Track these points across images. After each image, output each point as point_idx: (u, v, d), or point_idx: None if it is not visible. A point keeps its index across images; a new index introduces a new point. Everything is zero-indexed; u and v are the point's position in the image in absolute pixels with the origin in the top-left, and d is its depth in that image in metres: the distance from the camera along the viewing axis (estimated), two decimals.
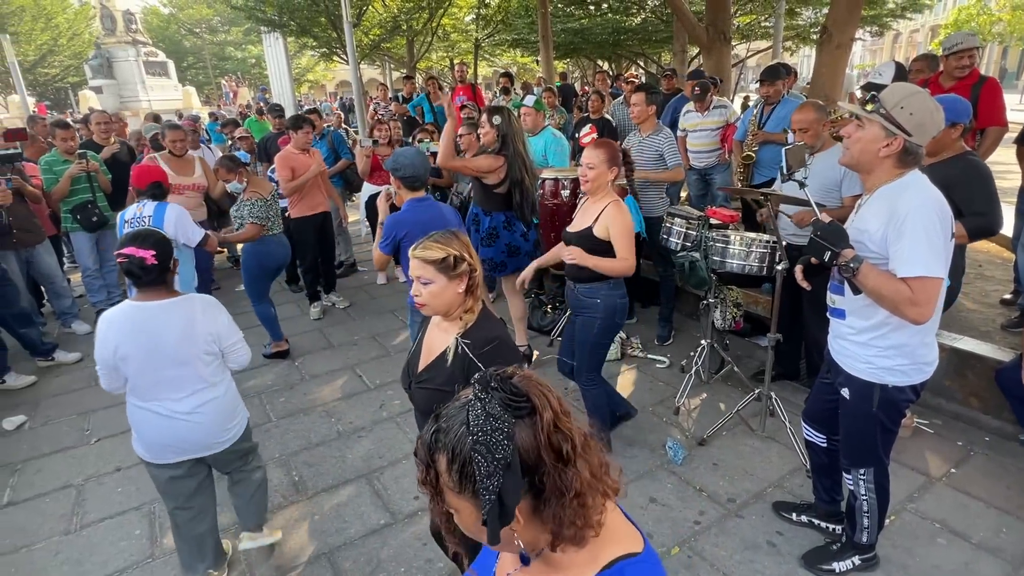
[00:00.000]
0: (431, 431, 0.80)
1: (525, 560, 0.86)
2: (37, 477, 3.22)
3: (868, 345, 2.00)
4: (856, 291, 1.93)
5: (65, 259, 6.20)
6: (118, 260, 2.07)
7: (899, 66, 3.91)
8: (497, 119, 3.69)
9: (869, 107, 1.83)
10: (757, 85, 4.73)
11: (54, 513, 2.93)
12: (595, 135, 4.95)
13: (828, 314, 2.15)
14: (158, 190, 3.38)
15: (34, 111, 13.29)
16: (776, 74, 4.37)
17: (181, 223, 3.48)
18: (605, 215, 2.75)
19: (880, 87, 3.70)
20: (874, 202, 1.91)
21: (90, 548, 2.69)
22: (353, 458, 3.24)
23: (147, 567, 2.57)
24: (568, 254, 2.81)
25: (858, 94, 4.10)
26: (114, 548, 2.69)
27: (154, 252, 2.06)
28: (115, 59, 24.31)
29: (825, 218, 2.02)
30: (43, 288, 5.08)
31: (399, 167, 3.02)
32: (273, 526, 2.73)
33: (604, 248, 2.78)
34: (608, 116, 6.69)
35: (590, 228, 2.79)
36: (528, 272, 3.16)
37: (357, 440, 3.41)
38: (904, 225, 1.78)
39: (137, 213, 3.38)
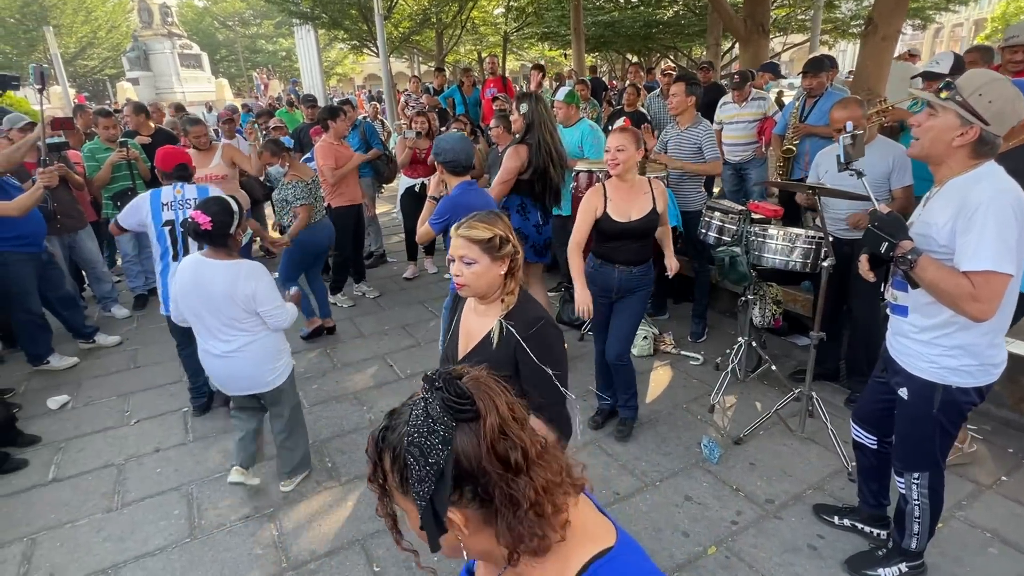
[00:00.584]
0: (381, 428, 0.76)
1: (469, 573, 0.83)
2: (80, 455, 3.31)
3: (932, 344, 1.91)
4: (914, 285, 1.85)
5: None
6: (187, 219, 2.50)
7: (957, 56, 3.75)
8: (524, 107, 3.66)
9: (944, 95, 1.74)
10: (789, 82, 4.61)
11: (96, 491, 3.00)
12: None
13: (889, 311, 2.06)
14: (184, 172, 3.44)
15: (74, 102, 13.64)
16: (820, 66, 4.24)
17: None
18: (660, 193, 2.94)
19: (938, 76, 3.59)
20: (944, 194, 1.82)
21: (131, 526, 2.75)
22: None
23: (186, 547, 2.62)
24: (673, 264, 3.11)
25: (918, 84, 3.92)
26: (154, 527, 2.74)
27: (210, 219, 2.42)
28: (151, 51, 24.90)
29: (883, 208, 1.94)
30: (84, 272, 5.22)
31: (440, 151, 3.07)
32: (306, 512, 2.77)
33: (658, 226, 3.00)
34: (643, 109, 6.60)
35: (654, 209, 2.92)
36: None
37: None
38: (974, 217, 1.69)
39: (176, 196, 3.39)
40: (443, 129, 6.21)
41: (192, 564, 2.51)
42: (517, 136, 3.79)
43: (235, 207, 2.55)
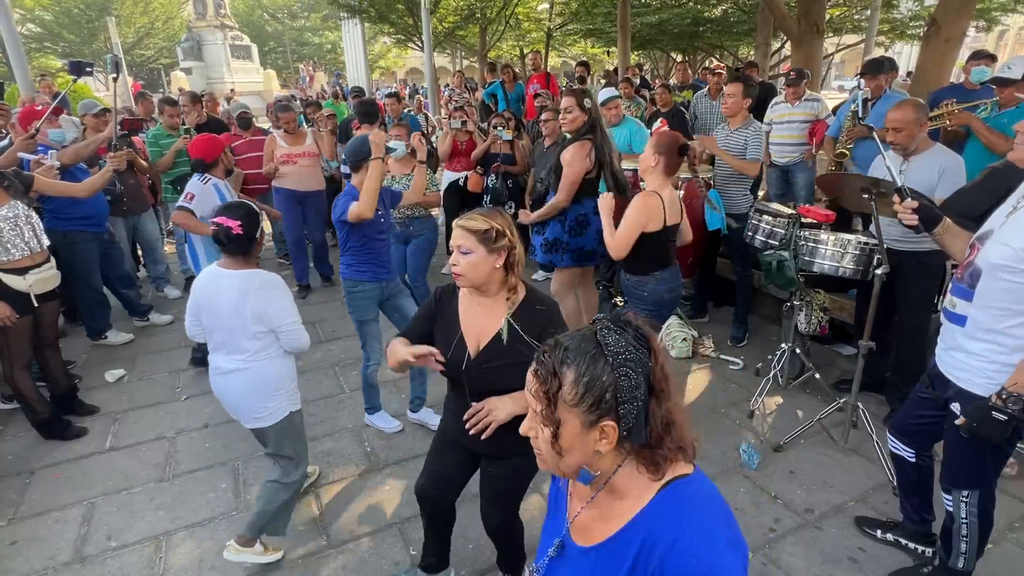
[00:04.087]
0: (558, 349, 0.92)
1: (585, 479, 0.95)
2: (135, 427, 3.48)
3: (990, 359, 1.84)
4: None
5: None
6: (211, 228, 2.25)
7: None
8: (588, 102, 3.54)
9: None
10: (839, 84, 4.47)
11: (150, 461, 3.16)
12: (667, 128, 4.82)
13: (944, 319, 2.00)
14: (199, 165, 3.69)
15: (132, 90, 14.21)
16: (879, 67, 4.10)
17: (200, 196, 3.64)
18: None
19: (1010, 81, 3.43)
20: None
21: (182, 497, 2.88)
22: (423, 434, 3.32)
23: (232, 519, 2.73)
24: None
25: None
26: (203, 499, 2.87)
27: (241, 223, 2.21)
28: (204, 42, 25.67)
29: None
30: (142, 253, 5.46)
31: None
32: (345, 494, 2.85)
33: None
34: (682, 108, 6.50)
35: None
36: None
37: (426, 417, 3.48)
38: None
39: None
40: (484, 124, 6.26)
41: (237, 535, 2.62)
42: (567, 135, 3.71)
43: (257, 210, 2.34)
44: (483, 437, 1.74)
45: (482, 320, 1.80)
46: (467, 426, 1.76)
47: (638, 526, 0.93)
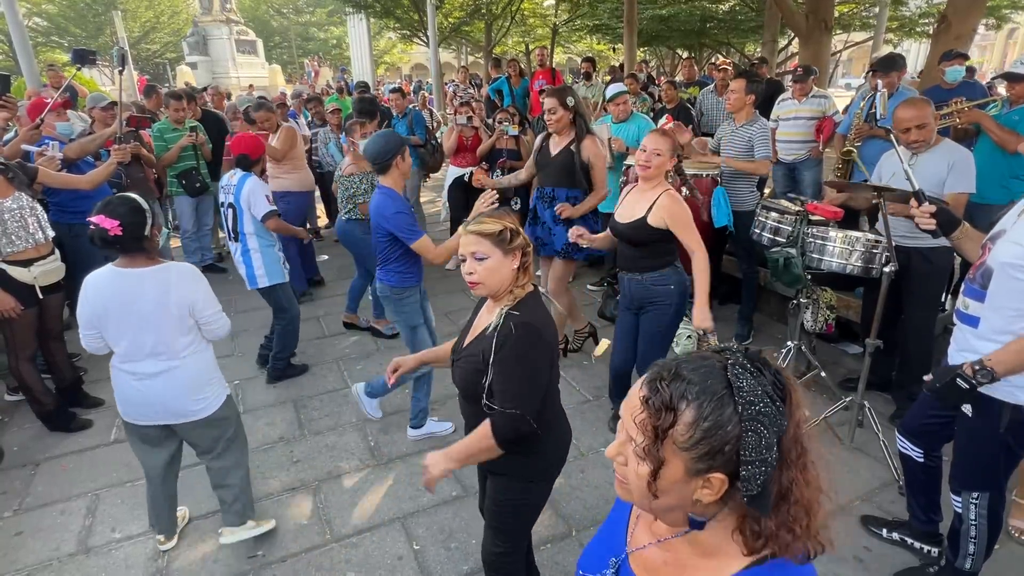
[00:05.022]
0: (678, 380, 0.77)
1: (696, 525, 0.82)
2: None
3: None
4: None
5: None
6: (89, 228, 2.04)
7: None
8: (571, 100, 3.50)
9: None
10: (846, 82, 4.43)
11: None
12: (672, 124, 4.79)
13: (956, 320, 1.98)
14: (244, 162, 3.54)
15: (137, 84, 14.22)
16: (892, 64, 4.06)
17: (253, 195, 3.51)
18: (660, 205, 2.74)
19: (1020, 78, 3.40)
20: None
21: (187, 489, 2.86)
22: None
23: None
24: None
25: (1001, 87, 3.76)
26: (206, 491, 2.83)
27: (119, 223, 2.02)
28: (210, 37, 25.68)
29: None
30: None
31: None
32: (348, 488, 2.85)
33: (658, 238, 2.78)
34: (688, 104, 6.47)
35: (644, 218, 2.77)
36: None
37: (431, 412, 3.48)
38: None
39: (229, 180, 3.56)
40: (490, 120, 6.24)
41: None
42: (549, 130, 3.66)
43: (145, 205, 2.15)
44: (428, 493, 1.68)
45: (484, 318, 1.73)
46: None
47: None
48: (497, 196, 2.59)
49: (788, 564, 0.80)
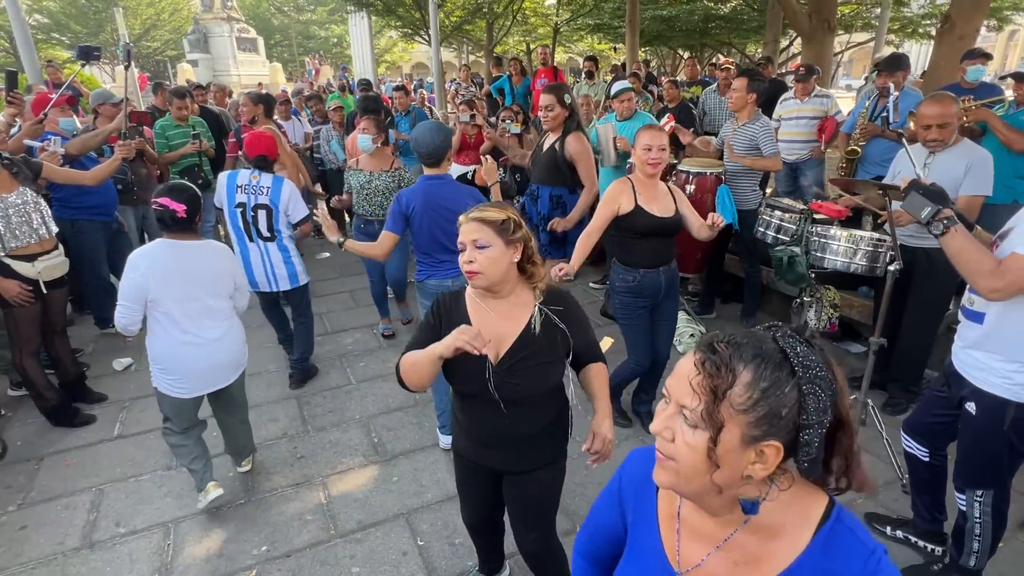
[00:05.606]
0: (733, 344, 0.78)
1: (751, 509, 0.81)
2: (143, 415, 3.48)
3: (1008, 358, 1.82)
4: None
5: None
6: (153, 207, 2.39)
7: None
8: (568, 98, 3.52)
9: None
10: (847, 83, 4.42)
11: (158, 449, 3.16)
12: (674, 123, 4.80)
13: (962, 316, 1.98)
14: (263, 163, 3.49)
15: (138, 81, 14.20)
16: (897, 64, 4.06)
17: (293, 199, 3.50)
18: (679, 196, 2.89)
19: None
20: None
21: (190, 484, 2.86)
22: (430, 426, 3.31)
23: (240, 508, 2.74)
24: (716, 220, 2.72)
25: (1009, 88, 3.74)
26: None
27: (186, 207, 2.39)
28: (211, 34, 25.64)
29: (926, 181, 1.95)
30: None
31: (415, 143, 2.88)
32: (352, 484, 2.87)
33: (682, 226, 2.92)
34: (691, 104, 6.47)
35: (678, 210, 2.86)
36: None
37: (433, 409, 3.48)
38: None
39: (253, 181, 3.42)
40: (492, 118, 6.24)
41: (246, 524, 2.63)
42: (541, 129, 3.71)
43: (199, 192, 2.52)
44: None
45: (499, 324, 1.62)
46: (592, 464, 1.71)
47: (808, 568, 0.80)
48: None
49: (840, 509, 0.82)
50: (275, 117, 5.35)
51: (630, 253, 2.89)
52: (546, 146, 3.68)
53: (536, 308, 1.63)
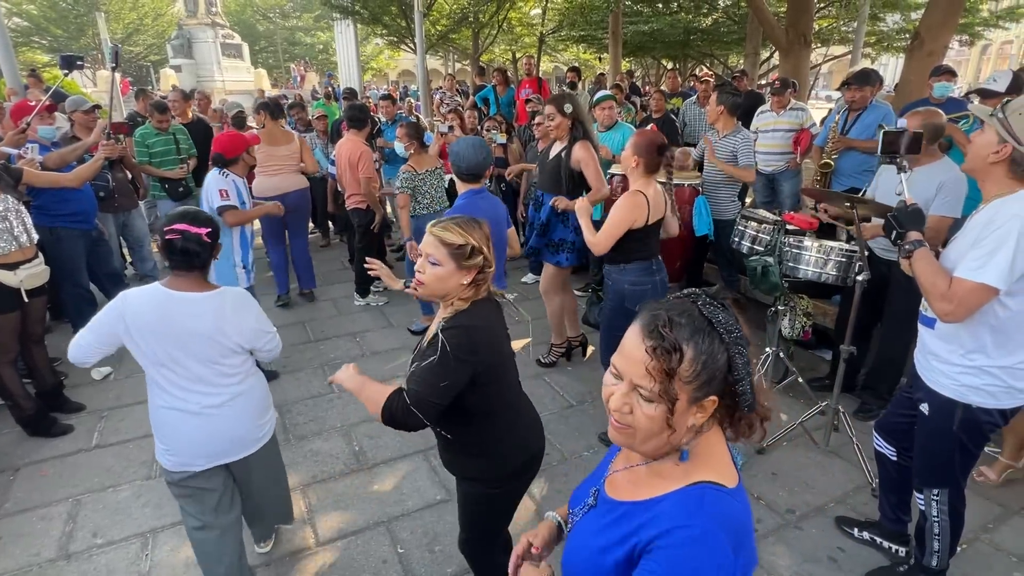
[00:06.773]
0: (673, 325, 0.88)
1: (684, 457, 0.94)
2: (121, 424, 3.46)
3: (954, 362, 1.92)
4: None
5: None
6: (169, 237, 1.91)
7: (1016, 75, 3.69)
8: (569, 107, 3.57)
9: (991, 112, 1.75)
10: (827, 94, 4.56)
11: (137, 459, 3.14)
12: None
13: (919, 321, 2.07)
14: (218, 160, 3.64)
15: (119, 86, 14.08)
16: (867, 79, 4.19)
17: (208, 187, 3.54)
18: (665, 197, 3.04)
19: (995, 94, 3.54)
20: (983, 213, 1.83)
21: (169, 495, 2.81)
22: (411, 435, 3.33)
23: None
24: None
25: (975, 102, 3.86)
26: None
27: (208, 230, 1.97)
28: (195, 40, 25.41)
29: (909, 201, 2.03)
30: (130, 250, 5.42)
31: (455, 157, 3.06)
32: (333, 492, 2.87)
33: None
34: (673, 116, 6.60)
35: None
36: None
37: None
38: (990, 230, 1.72)
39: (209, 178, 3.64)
40: (479, 128, 6.30)
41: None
42: (542, 138, 3.78)
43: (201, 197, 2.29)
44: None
45: (433, 326, 1.69)
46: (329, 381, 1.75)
47: (655, 505, 0.95)
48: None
49: (716, 489, 0.92)
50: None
51: (646, 247, 3.03)
52: (552, 154, 3.74)
53: (437, 323, 1.64)
